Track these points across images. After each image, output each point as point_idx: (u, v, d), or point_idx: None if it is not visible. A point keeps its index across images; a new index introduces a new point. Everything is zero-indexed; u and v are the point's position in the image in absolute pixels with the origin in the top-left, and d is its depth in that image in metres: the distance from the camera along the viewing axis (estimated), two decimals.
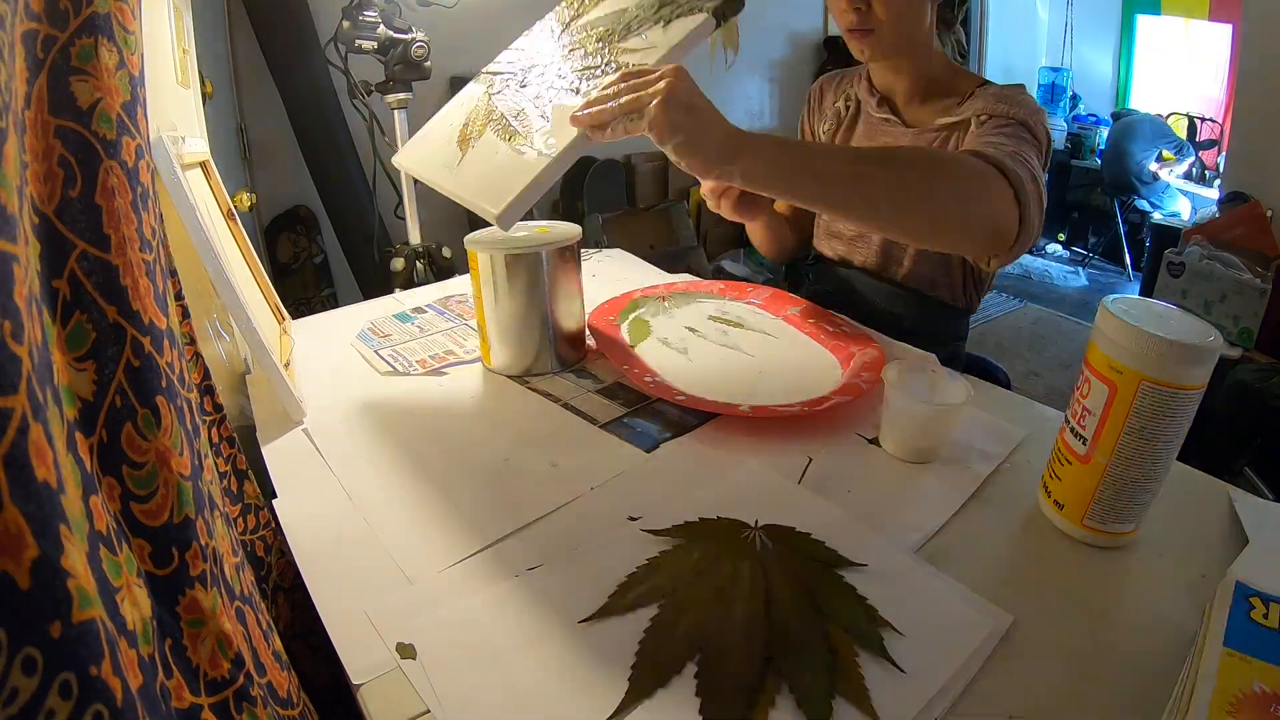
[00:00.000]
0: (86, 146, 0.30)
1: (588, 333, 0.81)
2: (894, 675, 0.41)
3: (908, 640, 0.43)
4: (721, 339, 0.83)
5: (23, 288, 0.22)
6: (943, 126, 0.81)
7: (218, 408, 0.47)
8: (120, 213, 0.31)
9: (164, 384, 0.32)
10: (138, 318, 0.31)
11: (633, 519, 0.55)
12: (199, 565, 0.32)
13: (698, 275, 1.07)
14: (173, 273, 0.46)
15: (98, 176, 0.30)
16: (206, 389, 0.46)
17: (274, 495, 0.58)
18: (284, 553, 0.53)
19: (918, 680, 0.41)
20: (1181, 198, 3.44)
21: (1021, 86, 0.80)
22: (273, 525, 0.52)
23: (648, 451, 0.63)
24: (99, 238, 0.30)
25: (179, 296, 0.48)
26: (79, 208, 0.29)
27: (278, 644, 0.42)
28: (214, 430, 0.46)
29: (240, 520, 0.48)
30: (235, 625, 0.35)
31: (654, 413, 0.69)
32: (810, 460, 0.62)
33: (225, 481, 0.47)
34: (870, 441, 0.64)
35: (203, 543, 0.33)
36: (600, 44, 0.68)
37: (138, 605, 0.28)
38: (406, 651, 0.44)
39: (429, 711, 0.40)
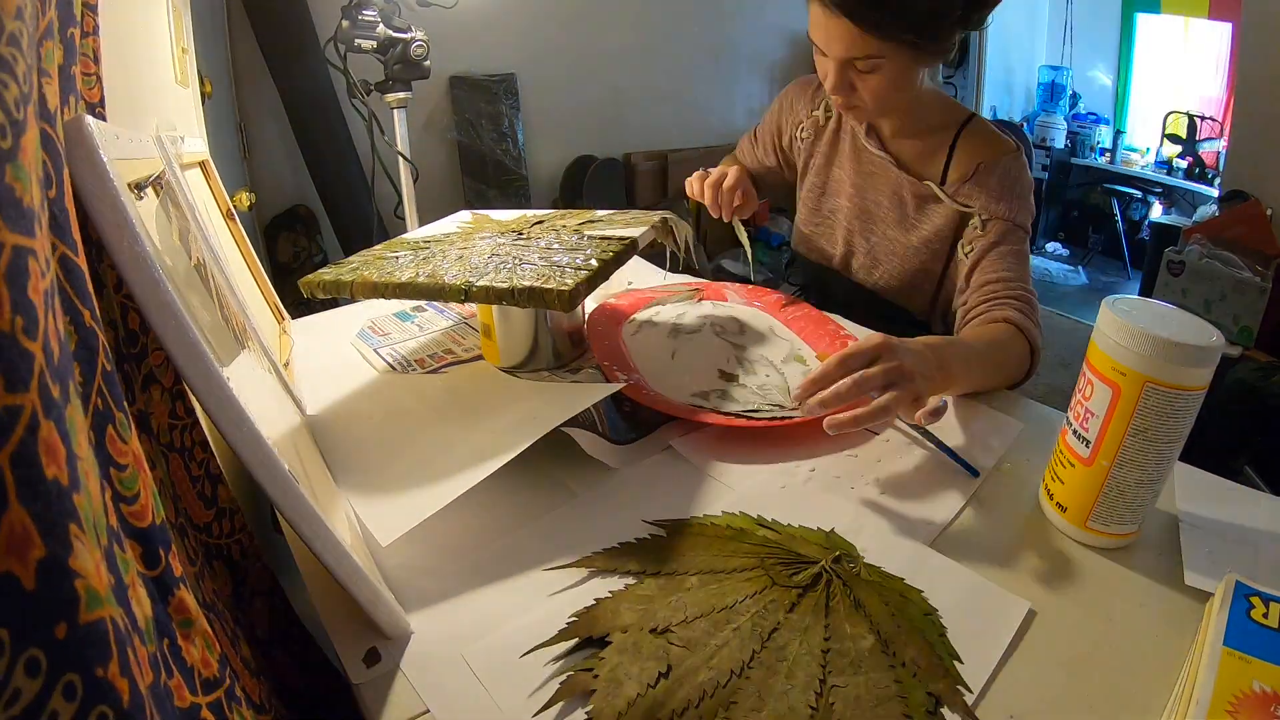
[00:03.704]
0: (54, 147, 0.30)
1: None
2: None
3: (951, 631, 0.44)
4: (713, 340, 0.83)
5: (39, 282, 0.21)
6: (928, 200, 0.86)
7: (189, 411, 0.47)
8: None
9: (123, 390, 0.32)
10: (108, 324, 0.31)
11: (648, 522, 0.54)
12: (180, 567, 0.33)
13: (697, 274, 1.07)
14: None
15: (64, 180, 0.30)
16: (177, 394, 0.46)
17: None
18: (259, 557, 0.53)
19: (967, 669, 0.42)
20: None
21: (1016, 150, 0.83)
22: (249, 529, 0.52)
23: (652, 450, 0.63)
24: (71, 240, 0.30)
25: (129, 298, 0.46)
26: (58, 208, 0.29)
27: (245, 650, 0.42)
28: (186, 435, 0.46)
29: (215, 525, 0.48)
30: (209, 629, 0.35)
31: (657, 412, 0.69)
32: (814, 460, 0.62)
33: (199, 486, 0.47)
34: (873, 434, 0.65)
35: (177, 546, 0.33)
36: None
37: (141, 604, 0.28)
38: (386, 655, 0.44)
39: (429, 711, 0.40)
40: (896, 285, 0.92)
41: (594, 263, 0.62)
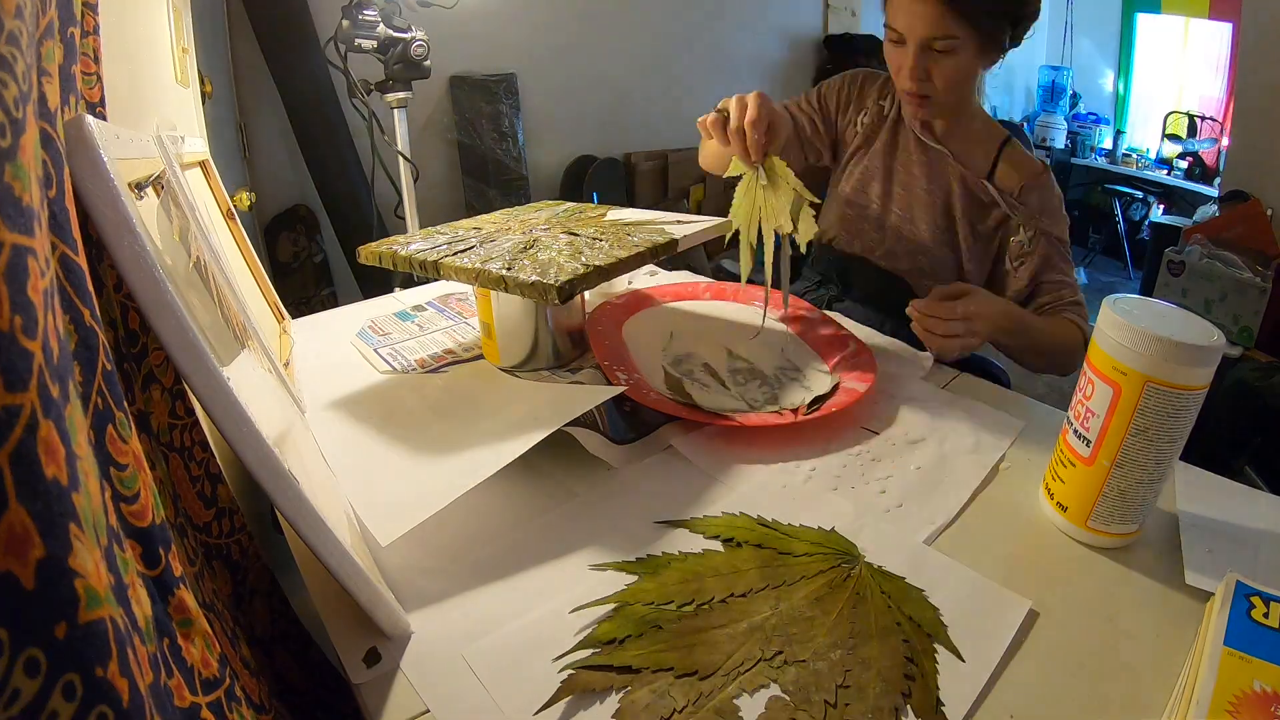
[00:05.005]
0: (54, 146, 0.30)
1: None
2: (950, 664, 0.42)
3: (952, 630, 0.44)
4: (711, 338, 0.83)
5: (39, 281, 0.21)
6: (978, 198, 0.93)
7: (189, 411, 0.47)
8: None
9: (123, 389, 0.32)
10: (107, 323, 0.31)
11: (659, 523, 0.54)
12: (179, 566, 0.33)
13: (697, 273, 1.07)
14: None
15: (65, 179, 0.30)
16: (177, 394, 0.46)
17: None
18: (259, 556, 0.53)
19: (970, 668, 0.42)
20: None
21: (1046, 170, 0.93)
22: (249, 529, 0.52)
23: (652, 450, 0.63)
24: (71, 240, 0.30)
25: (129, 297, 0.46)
26: (58, 208, 0.29)
27: (245, 650, 0.42)
28: (186, 435, 0.46)
29: (215, 524, 0.48)
30: (209, 628, 0.35)
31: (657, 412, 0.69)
32: (815, 460, 0.62)
33: (198, 486, 0.47)
34: (873, 434, 0.64)
35: (177, 545, 0.33)
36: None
37: (141, 604, 0.28)
38: (384, 656, 0.44)
39: (429, 711, 0.40)
40: (923, 270, 0.96)
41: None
